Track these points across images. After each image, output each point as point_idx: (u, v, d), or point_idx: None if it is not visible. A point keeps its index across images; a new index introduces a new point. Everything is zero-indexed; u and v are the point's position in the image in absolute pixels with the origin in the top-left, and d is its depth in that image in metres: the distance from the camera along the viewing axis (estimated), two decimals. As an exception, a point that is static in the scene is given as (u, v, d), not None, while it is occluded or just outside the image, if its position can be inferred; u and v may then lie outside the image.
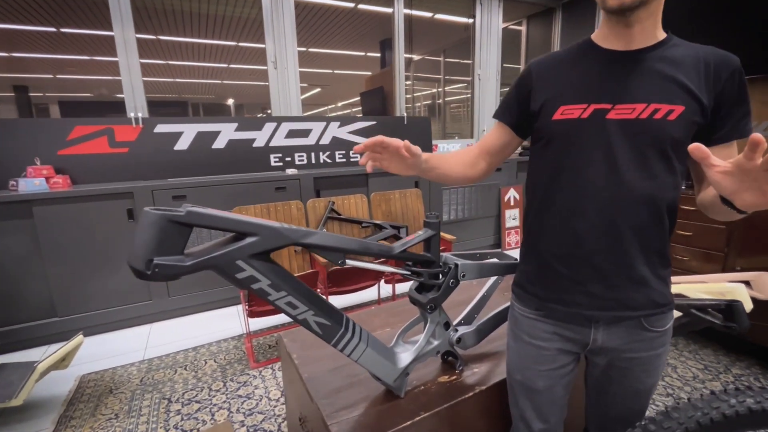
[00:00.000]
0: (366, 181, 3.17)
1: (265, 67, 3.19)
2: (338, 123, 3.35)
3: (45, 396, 1.89)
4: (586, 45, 0.82)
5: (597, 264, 0.78)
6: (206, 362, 2.14)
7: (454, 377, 1.00)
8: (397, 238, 2.65)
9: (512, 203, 3.98)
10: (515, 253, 0.97)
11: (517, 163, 4.00)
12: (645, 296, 0.79)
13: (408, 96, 6.22)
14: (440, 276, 0.92)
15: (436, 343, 0.95)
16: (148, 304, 2.58)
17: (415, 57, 5.73)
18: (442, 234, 2.07)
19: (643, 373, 0.85)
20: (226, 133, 2.96)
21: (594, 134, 0.75)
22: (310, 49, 6.33)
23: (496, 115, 0.93)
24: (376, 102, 4.55)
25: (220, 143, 2.95)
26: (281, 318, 2.52)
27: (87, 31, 4.42)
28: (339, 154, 3.39)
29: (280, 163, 3.17)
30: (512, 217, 4.00)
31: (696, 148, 0.56)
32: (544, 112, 0.81)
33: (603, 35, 0.79)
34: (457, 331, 0.99)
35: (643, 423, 0.76)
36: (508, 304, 0.97)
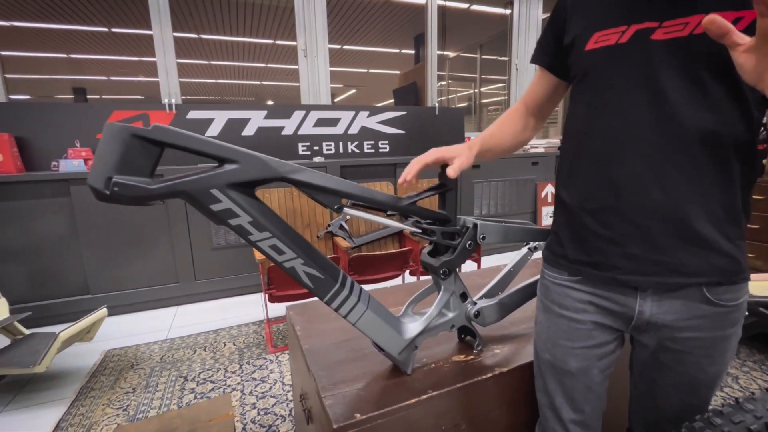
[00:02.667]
0: (394, 171, 3.08)
1: (293, 66, 3.19)
2: (367, 112, 3.29)
3: (71, 367, 1.93)
4: None
5: (638, 220, 0.63)
6: (225, 345, 2.11)
7: (471, 357, 0.87)
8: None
9: (549, 200, 3.74)
10: None
11: (555, 157, 3.75)
12: (705, 260, 0.63)
13: (443, 98, 6.10)
14: (456, 237, 0.80)
15: (450, 315, 0.83)
16: (175, 287, 2.61)
17: (451, 54, 5.59)
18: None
19: (705, 359, 0.68)
20: (256, 120, 2.97)
21: (635, 62, 0.61)
22: (345, 47, 6.36)
23: (533, 59, 0.81)
24: (410, 98, 4.46)
25: (249, 131, 2.97)
26: (302, 306, 2.47)
27: (133, 30, 4.66)
28: (368, 144, 3.32)
29: (308, 152, 3.14)
30: (549, 215, 3.76)
31: (711, 21, 0.44)
32: (578, 43, 0.68)
33: None
34: (475, 304, 0.86)
35: (705, 416, 0.60)
36: (538, 276, 0.84)
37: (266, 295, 2.03)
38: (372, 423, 0.69)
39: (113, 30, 4.99)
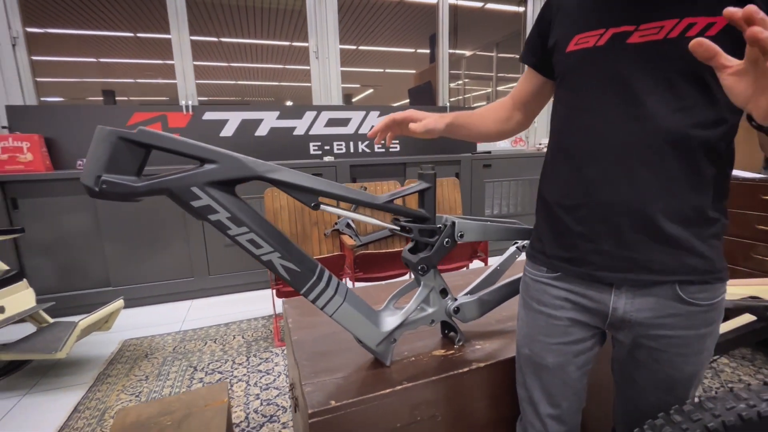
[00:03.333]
0: (404, 170, 3.11)
1: (307, 67, 3.26)
2: (378, 112, 3.32)
3: (91, 355, 2.05)
4: None
5: (610, 218, 0.65)
6: (234, 337, 2.19)
7: (452, 352, 0.89)
8: (430, 227, 2.55)
9: (564, 200, 3.68)
10: None
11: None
12: (676, 259, 0.63)
13: (459, 97, 6.05)
14: (435, 235, 0.83)
15: (430, 310, 0.86)
16: (190, 281, 2.72)
17: (467, 53, 5.56)
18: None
19: (680, 357, 0.68)
20: (269, 121, 3.05)
21: (611, 64, 0.63)
22: (360, 47, 6.42)
23: (521, 58, 0.83)
24: (425, 97, 4.47)
25: (262, 131, 3.05)
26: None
27: (156, 35, 4.85)
28: (378, 144, 3.35)
29: (319, 152, 3.21)
30: (563, 215, 3.70)
31: (698, 43, 0.43)
32: (559, 45, 0.70)
33: None
34: (456, 300, 0.88)
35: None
36: (520, 275, 0.86)
37: (274, 291, 2.09)
38: (346, 410, 0.72)
39: (138, 35, 5.19)
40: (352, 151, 3.29)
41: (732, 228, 1.98)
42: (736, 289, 1.64)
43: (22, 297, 1.92)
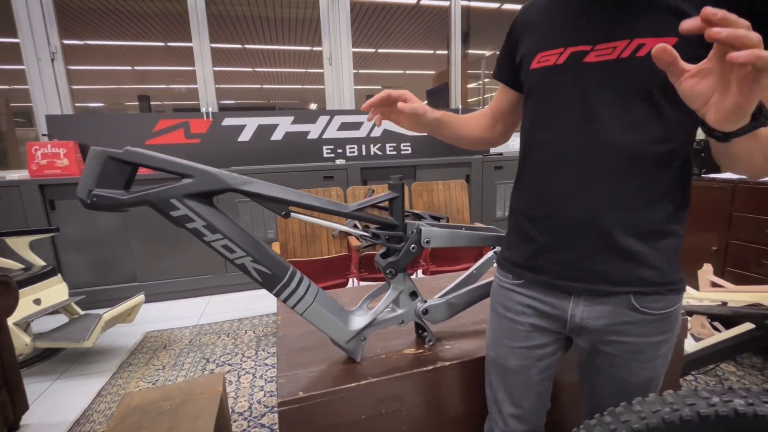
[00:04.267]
0: (414, 172, 3.16)
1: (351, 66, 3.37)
2: (390, 115, 3.38)
3: (116, 345, 2.22)
4: None
5: (569, 230, 0.68)
6: (246, 332, 2.32)
7: (422, 351, 0.95)
8: (437, 229, 2.59)
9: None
10: None
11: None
12: (631, 271, 0.66)
13: (478, 97, 6.01)
14: (402, 241, 0.88)
15: (399, 311, 0.91)
16: (208, 278, 2.88)
17: (487, 53, 5.53)
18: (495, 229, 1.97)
19: (635, 363, 0.71)
20: (284, 126, 3.18)
21: (569, 82, 0.66)
22: (379, 50, 6.49)
23: (494, 74, 0.87)
24: (442, 98, 4.49)
25: (278, 135, 3.18)
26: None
27: (186, 44, 5.11)
28: (390, 146, 3.42)
29: (332, 155, 3.30)
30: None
31: (661, 49, 0.44)
32: (525, 62, 0.74)
33: None
34: (425, 302, 0.94)
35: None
36: (490, 279, 0.90)
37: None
38: (313, 401, 0.79)
39: (168, 44, 5.48)
40: (364, 153, 3.37)
41: (744, 233, 1.92)
42: (741, 296, 1.60)
43: (56, 290, 2.11)
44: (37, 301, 2.00)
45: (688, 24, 0.41)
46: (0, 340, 1.46)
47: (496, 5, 4.36)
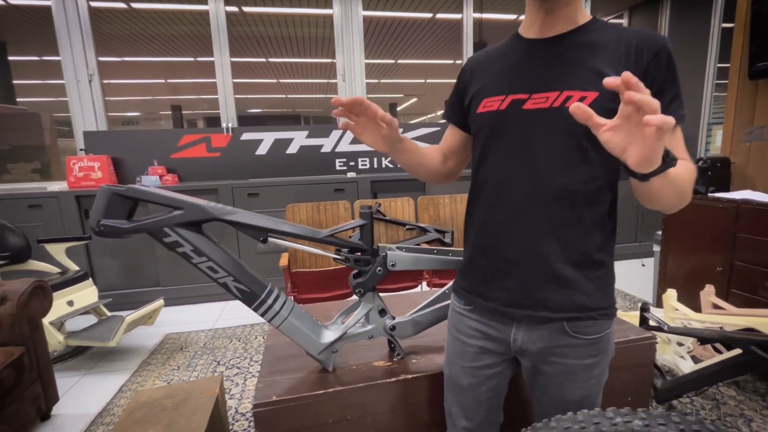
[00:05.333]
0: (423, 185, 3.23)
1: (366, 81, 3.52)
2: (401, 129, 3.48)
3: (138, 345, 2.42)
4: (513, 37, 0.81)
5: (512, 259, 0.75)
6: (256, 337, 2.46)
7: (390, 364, 1.03)
8: (441, 242, 2.66)
9: (592, 215, 3.58)
10: None
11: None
12: (567, 298, 0.73)
13: None
14: (370, 264, 0.98)
15: (368, 327, 1.00)
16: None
17: None
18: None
19: (570, 383, 0.78)
20: (299, 140, 3.34)
21: (512, 125, 0.74)
22: (399, 61, 6.62)
23: (444, 115, 0.95)
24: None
25: (293, 149, 3.34)
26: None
27: (212, 58, 5.42)
28: (400, 159, 3.51)
29: (345, 167, 3.43)
30: (592, 231, 3.60)
31: (577, 107, 0.53)
32: (472, 106, 0.82)
33: (527, 25, 0.78)
34: (393, 318, 1.02)
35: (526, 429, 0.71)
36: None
37: (291, 297, 2.32)
38: (284, 405, 0.90)
39: (197, 59, 5.81)
40: (375, 166, 3.48)
41: (749, 255, 1.88)
42: (737, 320, 1.59)
43: (87, 293, 2.33)
44: (70, 303, 2.21)
45: (610, 80, 0.50)
46: (36, 338, 1.65)
47: (513, 17, 4.40)
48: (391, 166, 3.51)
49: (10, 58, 3.67)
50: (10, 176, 3.36)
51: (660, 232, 2.37)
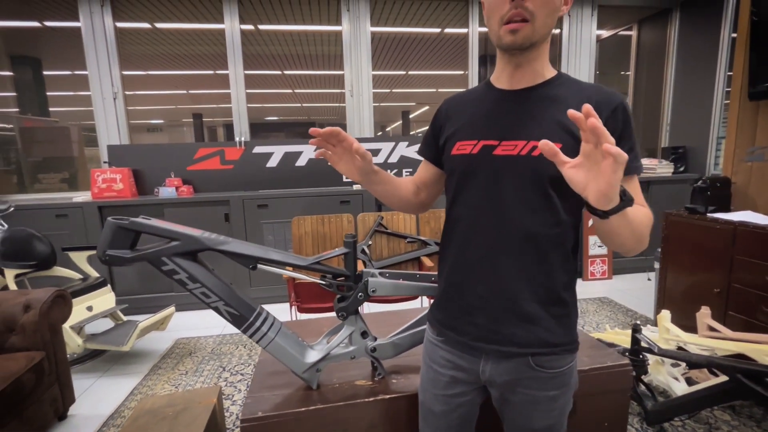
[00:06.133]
0: (427, 198, 3.29)
1: (377, 90, 3.62)
2: (406, 143, 3.56)
3: (151, 349, 2.55)
4: (485, 84, 0.87)
5: (482, 295, 0.80)
6: (261, 345, 2.56)
7: (371, 383, 1.10)
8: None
9: (599, 229, 3.57)
10: (599, 285, 0.97)
11: (607, 184, 3.57)
12: (531, 334, 0.78)
13: None
14: (351, 290, 1.05)
15: (351, 348, 1.07)
16: (235, 292, 3.18)
17: None
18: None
19: (535, 413, 0.83)
20: (307, 153, 3.45)
21: (482, 169, 0.79)
22: (410, 72, 6.69)
23: (419, 151, 1.00)
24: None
25: (302, 161, 3.46)
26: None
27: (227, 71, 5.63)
28: (406, 171, 3.58)
29: (350, 180, 3.52)
30: (598, 244, 3.58)
31: (545, 144, 0.57)
32: (447, 147, 0.87)
33: (497, 75, 0.84)
34: (375, 340, 1.09)
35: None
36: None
37: (295, 307, 2.42)
38: (269, 420, 0.98)
39: (216, 72, 6.02)
40: (381, 179, 3.56)
41: (746, 277, 1.87)
42: (728, 345, 1.59)
43: (105, 299, 2.48)
44: (90, 308, 2.36)
45: (573, 112, 0.55)
46: (55, 343, 1.78)
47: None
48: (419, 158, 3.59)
49: (45, 72, 3.92)
50: (41, 186, 3.58)
51: (660, 249, 2.36)
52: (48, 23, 3.46)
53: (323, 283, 1.06)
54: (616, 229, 0.64)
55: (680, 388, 1.70)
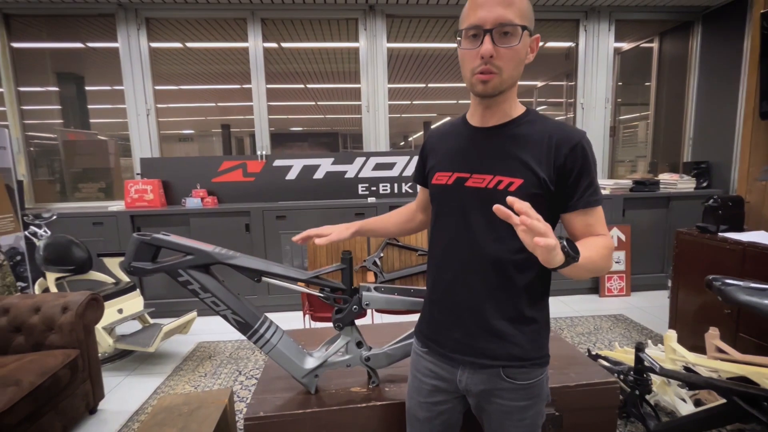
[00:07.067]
0: (440, 211, 3.36)
1: (396, 102, 3.75)
2: (421, 157, 3.65)
3: (174, 351, 2.71)
4: (462, 120, 0.96)
5: (457, 313, 0.89)
6: (275, 351, 2.67)
7: (365, 390, 1.18)
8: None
9: (615, 244, 3.52)
10: (616, 302, 1.04)
11: (623, 199, 3.53)
12: (503, 348, 0.85)
13: None
14: (347, 303, 1.14)
15: (347, 357, 1.16)
16: (253, 299, 3.32)
17: (539, 83, 5.63)
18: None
19: (508, 422, 0.89)
20: (325, 166, 3.59)
21: (456, 199, 0.88)
22: (430, 84, 6.81)
23: (413, 179, 1.12)
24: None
25: (319, 174, 3.60)
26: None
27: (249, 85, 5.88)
28: (420, 185, 3.67)
29: (366, 192, 3.63)
30: (615, 260, 3.53)
31: (497, 209, 0.64)
32: (429, 176, 0.97)
33: (471, 113, 0.93)
34: (370, 350, 1.17)
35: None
36: None
37: (308, 315, 2.52)
38: (269, 420, 1.07)
39: (243, 86, 6.31)
40: (395, 191, 3.65)
41: (758, 298, 1.84)
42: (731, 367, 1.57)
43: (135, 302, 2.67)
44: (120, 311, 2.55)
45: (501, 210, 0.64)
46: (89, 342, 1.95)
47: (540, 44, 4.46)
48: (410, 191, 3.67)
49: (87, 88, 4.27)
50: (81, 194, 3.87)
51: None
52: (90, 44, 3.77)
53: (321, 295, 1.15)
54: (569, 274, 0.73)
55: (686, 409, 1.69)
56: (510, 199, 0.63)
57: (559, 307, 3.38)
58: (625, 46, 4.23)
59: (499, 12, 0.75)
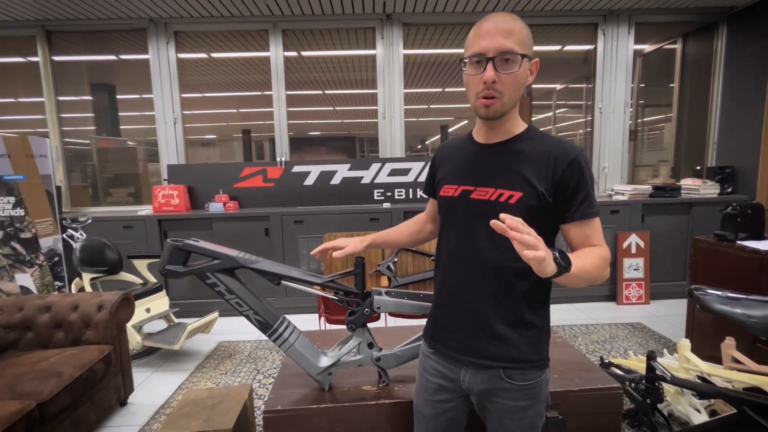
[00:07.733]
0: (455, 216, 3.40)
1: (413, 107, 3.84)
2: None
3: (197, 349, 2.84)
4: (468, 137, 1.02)
5: (460, 316, 0.95)
6: (293, 351, 2.77)
7: (375, 389, 1.25)
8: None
9: (634, 251, 3.48)
10: (634, 310, 1.09)
11: (642, 205, 3.49)
12: (502, 351, 0.91)
13: (549, 126, 6.04)
14: (359, 306, 1.21)
15: (359, 357, 1.23)
16: (272, 300, 3.44)
17: (558, 86, 5.61)
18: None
19: (508, 420, 0.94)
20: (341, 172, 3.69)
21: (461, 210, 0.94)
22: (446, 89, 6.85)
23: (424, 191, 1.18)
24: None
25: (336, 180, 3.70)
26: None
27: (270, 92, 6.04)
28: (435, 190, 3.72)
29: (382, 197, 3.71)
30: (634, 267, 3.49)
31: (494, 224, 0.68)
32: (437, 188, 1.04)
33: (477, 130, 0.99)
34: (380, 350, 1.24)
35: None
36: None
37: (324, 318, 2.61)
38: (286, 414, 1.15)
39: (264, 93, 6.51)
40: (410, 197, 3.72)
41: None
42: (744, 377, 1.57)
43: (161, 302, 2.81)
44: (148, 310, 2.69)
45: (497, 224, 0.69)
46: (121, 339, 2.09)
47: (558, 47, 4.45)
48: (425, 196, 3.72)
49: (118, 96, 4.52)
50: (112, 199, 4.08)
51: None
52: (123, 56, 3.99)
53: (335, 298, 1.23)
54: (563, 282, 0.78)
55: (699, 420, 1.68)
56: (503, 215, 0.69)
57: (575, 314, 3.36)
58: (647, 47, 4.17)
59: (500, 41, 0.81)
